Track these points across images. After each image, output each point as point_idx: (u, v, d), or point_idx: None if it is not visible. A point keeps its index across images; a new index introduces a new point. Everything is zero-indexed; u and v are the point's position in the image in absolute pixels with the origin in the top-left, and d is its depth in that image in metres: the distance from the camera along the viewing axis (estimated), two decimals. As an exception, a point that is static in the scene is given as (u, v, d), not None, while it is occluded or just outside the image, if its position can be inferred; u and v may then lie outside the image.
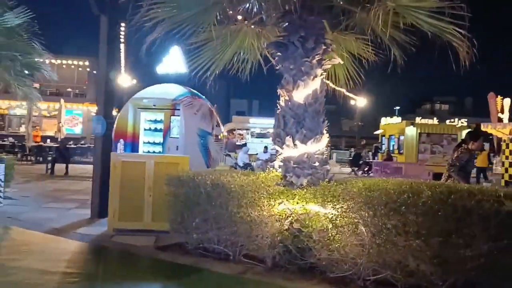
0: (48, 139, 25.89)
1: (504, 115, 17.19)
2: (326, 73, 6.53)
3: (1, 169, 9.50)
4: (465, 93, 64.18)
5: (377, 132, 29.17)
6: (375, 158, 26.57)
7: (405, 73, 6.83)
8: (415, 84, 60.25)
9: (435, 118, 25.32)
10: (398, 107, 52.01)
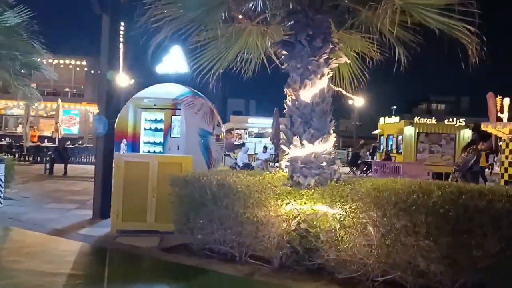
0: (46, 139, 25.75)
1: (504, 115, 17.20)
2: (333, 72, 6.48)
3: (1, 169, 9.41)
4: (461, 92, 64.37)
5: (375, 132, 29.16)
6: (373, 158, 26.56)
7: (402, 73, 6.79)
8: (412, 84, 60.44)
9: (433, 118, 25.30)
10: (395, 107, 52.19)
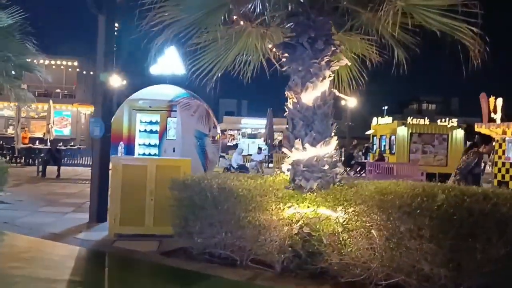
0: (37, 141, 25.46)
1: (497, 115, 17.30)
2: (334, 74, 6.45)
3: (-6, 172, 9.29)
4: (451, 92, 65.01)
5: (368, 132, 29.22)
6: (366, 158, 26.61)
7: (394, 73, 6.78)
8: (401, 84, 60.70)
9: (426, 118, 25.41)
10: (386, 107, 52.45)
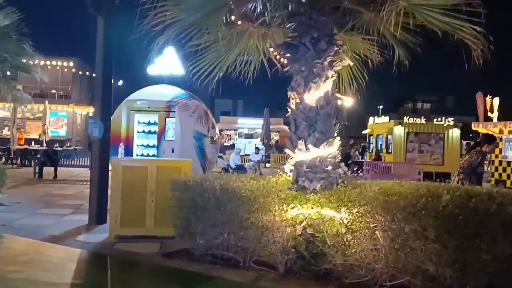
0: (32, 142, 25.30)
1: (494, 114, 17.42)
2: (336, 74, 6.43)
3: (-9, 174, 9.19)
4: (445, 91, 65.23)
5: (365, 132, 29.25)
6: (363, 158, 26.64)
7: (390, 72, 6.79)
8: (396, 83, 60.86)
9: (422, 117, 25.46)
10: (381, 106, 52.51)
